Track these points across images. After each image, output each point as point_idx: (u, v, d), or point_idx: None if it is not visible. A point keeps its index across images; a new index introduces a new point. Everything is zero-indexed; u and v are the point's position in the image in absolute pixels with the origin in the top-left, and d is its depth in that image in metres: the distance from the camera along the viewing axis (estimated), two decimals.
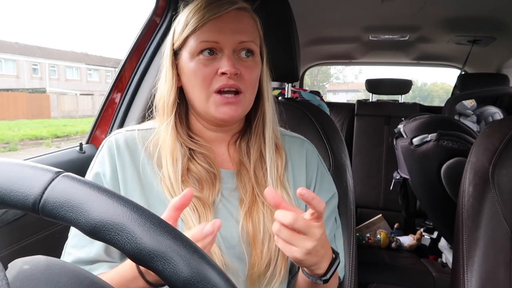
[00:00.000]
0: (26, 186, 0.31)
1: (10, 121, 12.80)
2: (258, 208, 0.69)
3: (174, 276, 0.30)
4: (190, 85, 0.70)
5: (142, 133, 0.74)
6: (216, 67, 0.67)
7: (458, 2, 1.60)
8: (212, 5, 0.68)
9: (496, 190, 0.80)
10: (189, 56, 0.69)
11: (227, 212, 0.70)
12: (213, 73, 0.67)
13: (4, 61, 18.48)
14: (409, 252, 2.11)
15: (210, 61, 0.67)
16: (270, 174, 0.72)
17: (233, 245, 0.68)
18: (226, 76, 0.66)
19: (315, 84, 22.41)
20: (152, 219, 0.31)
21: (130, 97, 1.31)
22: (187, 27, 0.68)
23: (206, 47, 0.67)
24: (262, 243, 0.67)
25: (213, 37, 0.66)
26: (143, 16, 1.32)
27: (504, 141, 0.82)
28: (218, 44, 0.67)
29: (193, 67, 0.68)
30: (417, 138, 1.49)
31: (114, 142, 0.72)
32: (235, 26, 0.68)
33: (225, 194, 0.72)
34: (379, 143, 2.62)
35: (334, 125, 1.02)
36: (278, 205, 0.56)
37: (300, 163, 0.78)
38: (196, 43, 0.67)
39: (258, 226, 0.68)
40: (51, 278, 0.33)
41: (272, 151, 0.73)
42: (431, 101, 26.44)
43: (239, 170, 0.73)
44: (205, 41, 0.67)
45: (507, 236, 0.77)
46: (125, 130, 0.75)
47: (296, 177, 0.77)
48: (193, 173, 0.70)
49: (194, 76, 0.68)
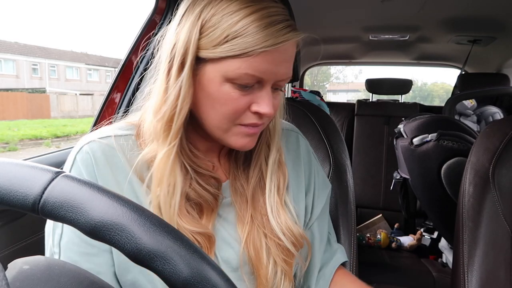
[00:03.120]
0: (26, 186, 0.31)
1: (10, 121, 12.81)
2: (260, 237, 0.62)
3: (174, 276, 0.30)
4: (208, 108, 0.55)
5: (120, 141, 0.59)
6: (250, 100, 0.55)
7: (458, 2, 1.60)
8: (273, 27, 0.51)
9: (496, 190, 0.79)
10: (221, 78, 0.53)
11: (225, 233, 0.62)
12: (246, 108, 0.55)
13: (4, 61, 18.49)
14: (409, 252, 2.11)
15: (246, 94, 0.54)
16: (269, 198, 0.63)
17: (235, 268, 0.62)
18: (261, 116, 0.56)
19: (315, 84, 22.41)
20: (152, 219, 0.31)
21: (130, 97, 1.31)
22: (232, 43, 0.50)
23: (249, 81, 0.53)
24: (266, 269, 0.61)
25: (262, 73, 0.52)
26: (143, 16, 1.32)
27: (505, 141, 0.82)
28: (263, 80, 0.53)
29: (222, 94, 0.53)
30: (417, 138, 1.49)
31: (91, 155, 0.56)
32: (288, 59, 0.55)
33: (220, 212, 0.63)
34: (379, 143, 2.62)
35: (334, 125, 1.02)
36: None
37: (298, 168, 0.71)
38: (238, 71, 0.51)
39: (261, 252, 0.61)
40: (51, 278, 0.33)
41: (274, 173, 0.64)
42: (431, 101, 26.46)
43: (232, 182, 0.64)
44: (252, 75, 0.52)
45: (507, 236, 0.77)
46: (99, 138, 0.58)
47: (295, 182, 0.70)
48: (192, 198, 0.59)
49: (221, 104, 0.54)
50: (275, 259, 0.62)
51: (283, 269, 0.63)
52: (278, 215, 0.63)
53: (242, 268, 0.62)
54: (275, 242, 0.62)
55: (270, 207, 0.63)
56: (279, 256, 0.62)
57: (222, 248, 0.61)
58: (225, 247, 0.61)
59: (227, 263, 0.61)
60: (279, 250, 0.62)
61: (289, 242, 0.62)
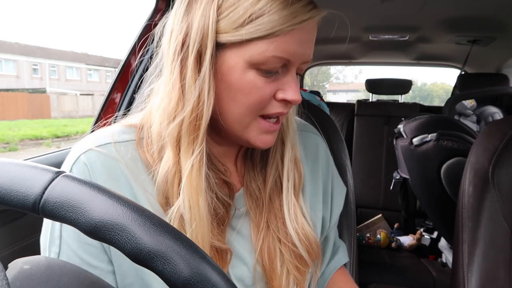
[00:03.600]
0: (26, 186, 0.31)
1: (10, 121, 12.80)
2: (275, 244, 0.58)
3: (174, 276, 0.30)
4: (230, 101, 0.49)
5: (120, 149, 0.52)
6: (276, 87, 0.50)
7: (458, 2, 1.60)
8: (297, 3, 0.46)
9: (496, 190, 0.80)
10: (244, 64, 0.47)
11: (240, 248, 0.57)
12: (271, 96, 0.50)
13: (4, 61, 18.49)
14: (409, 252, 2.11)
15: (272, 80, 0.49)
16: (287, 198, 0.59)
17: (249, 285, 0.58)
18: (287, 104, 0.51)
19: (315, 84, 22.42)
20: (152, 219, 0.31)
21: (130, 97, 1.31)
22: (257, 23, 0.45)
23: (279, 64, 0.48)
24: (279, 279, 0.57)
25: (292, 52, 0.47)
26: (143, 16, 1.33)
27: (504, 141, 0.82)
28: (290, 62, 0.49)
29: (247, 82, 0.48)
30: (417, 138, 1.50)
31: (89, 168, 0.50)
32: (312, 39, 0.51)
33: (234, 224, 0.58)
34: (379, 143, 2.62)
35: (334, 125, 1.02)
36: None
37: (315, 170, 0.67)
38: (265, 54, 0.46)
39: (276, 261, 0.57)
40: (52, 278, 0.33)
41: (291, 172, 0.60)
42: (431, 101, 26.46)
43: (247, 188, 0.59)
44: (281, 57, 0.47)
45: (507, 236, 0.77)
46: (96, 146, 0.52)
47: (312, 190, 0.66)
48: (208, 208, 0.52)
49: (245, 94, 0.48)
50: (288, 268, 0.58)
51: (296, 279, 0.59)
52: (295, 218, 0.59)
53: (256, 284, 0.58)
54: (289, 248, 0.58)
55: (287, 208, 0.58)
56: (291, 263, 0.58)
57: (235, 265, 0.57)
58: (238, 264, 0.57)
59: (240, 281, 0.57)
60: (292, 257, 0.58)
61: (303, 248, 0.59)
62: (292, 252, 0.58)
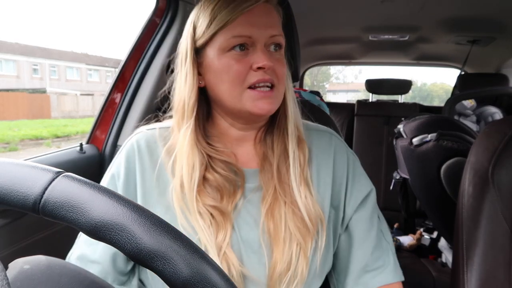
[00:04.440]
0: (26, 186, 0.31)
1: (11, 121, 12.81)
2: (279, 206, 0.67)
3: (174, 276, 0.30)
4: (219, 83, 0.66)
5: (163, 132, 0.71)
6: (249, 62, 0.64)
7: (458, 2, 1.61)
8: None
9: (496, 190, 0.79)
10: (218, 52, 0.65)
11: (248, 215, 0.68)
12: (247, 69, 0.64)
13: (4, 61, 18.49)
14: (409, 252, 2.11)
15: (243, 56, 0.64)
16: (293, 169, 0.69)
17: (255, 249, 0.67)
18: (262, 70, 0.64)
19: (315, 84, 22.42)
20: (152, 219, 0.31)
21: (131, 97, 1.31)
22: (215, 22, 0.64)
23: (239, 42, 0.64)
24: (283, 242, 0.65)
25: (246, 32, 0.64)
26: (143, 16, 1.33)
27: (504, 141, 0.82)
28: (251, 38, 0.64)
29: (224, 64, 0.65)
30: (417, 138, 1.49)
31: (135, 143, 0.70)
32: (266, 19, 0.66)
33: (247, 195, 0.69)
34: (379, 143, 2.62)
35: (334, 125, 1.03)
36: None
37: (327, 161, 0.74)
38: (227, 39, 0.64)
39: (280, 224, 0.66)
40: (52, 278, 0.33)
41: (294, 144, 0.71)
42: (431, 101, 26.44)
43: (262, 167, 0.71)
44: (238, 36, 0.64)
45: (507, 236, 0.77)
46: (146, 129, 0.73)
47: (321, 175, 0.73)
48: (211, 182, 0.67)
49: (226, 73, 0.65)
50: (291, 231, 0.66)
51: (299, 243, 0.66)
52: (300, 187, 0.68)
53: (263, 247, 0.66)
54: (292, 209, 0.67)
55: (294, 175, 0.69)
56: (293, 223, 0.66)
57: (243, 228, 0.67)
58: (246, 228, 0.67)
59: (246, 243, 0.66)
60: (295, 218, 0.66)
61: (305, 211, 0.66)
62: (294, 214, 0.67)
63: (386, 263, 0.72)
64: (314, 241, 0.68)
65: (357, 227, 0.73)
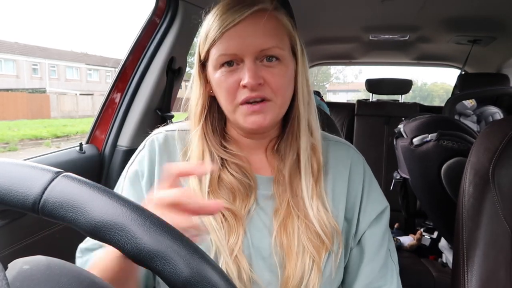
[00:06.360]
0: (26, 186, 0.31)
1: (10, 121, 12.80)
2: (293, 221, 0.66)
3: (174, 276, 0.30)
4: (218, 96, 0.68)
5: (182, 134, 0.73)
6: (238, 78, 0.63)
7: (458, 2, 1.60)
8: (229, 11, 0.63)
9: (496, 190, 0.79)
10: (212, 68, 0.66)
11: (260, 222, 0.67)
12: (236, 85, 0.64)
13: (4, 61, 18.48)
14: (409, 252, 2.11)
15: (232, 73, 0.64)
16: (305, 183, 0.68)
17: (265, 257, 0.66)
18: (249, 89, 0.63)
19: (315, 84, 22.40)
20: (152, 219, 0.31)
21: (130, 97, 1.31)
22: (208, 39, 0.65)
23: (225, 60, 0.64)
24: (296, 256, 0.64)
25: (231, 49, 0.63)
26: (143, 16, 1.32)
27: (504, 141, 0.82)
28: (237, 55, 0.63)
29: (217, 80, 0.65)
30: (417, 138, 1.49)
31: (156, 141, 0.72)
32: (254, 32, 0.63)
33: (260, 202, 0.69)
34: (379, 143, 2.62)
35: (334, 125, 1.02)
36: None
37: (343, 173, 0.73)
38: (216, 56, 0.64)
39: (293, 239, 0.65)
40: (51, 278, 0.33)
41: (306, 157, 0.69)
42: (431, 101, 26.46)
43: (276, 177, 0.70)
44: (223, 54, 0.63)
45: (507, 236, 0.77)
46: (165, 130, 0.74)
47: (336, 187, 0.72)
48: (225, 183, 0.67)
49: (219, 88, 0.66)
50: (304, 244, 0.64)
51: (312, 255, 0.64)
52: (312, 201, 0.67)
53: (273, 257, 0.65)
54: (305, 223, 0.66)
55: (306, 187, 0.68)
56: (307, 236, 0.65)
57: (255, 235, 0.66)
58: (258, 235, 0.66)
59: (257, 250, 0.66)
60: (308, 231, 0.65)
61: (318, 225, 0.65)
62: (307, 228, 0.66)
63: (389, 283, 0.72)
64: (327, 254, 0.67)
65: (369, 243, 0.72)
